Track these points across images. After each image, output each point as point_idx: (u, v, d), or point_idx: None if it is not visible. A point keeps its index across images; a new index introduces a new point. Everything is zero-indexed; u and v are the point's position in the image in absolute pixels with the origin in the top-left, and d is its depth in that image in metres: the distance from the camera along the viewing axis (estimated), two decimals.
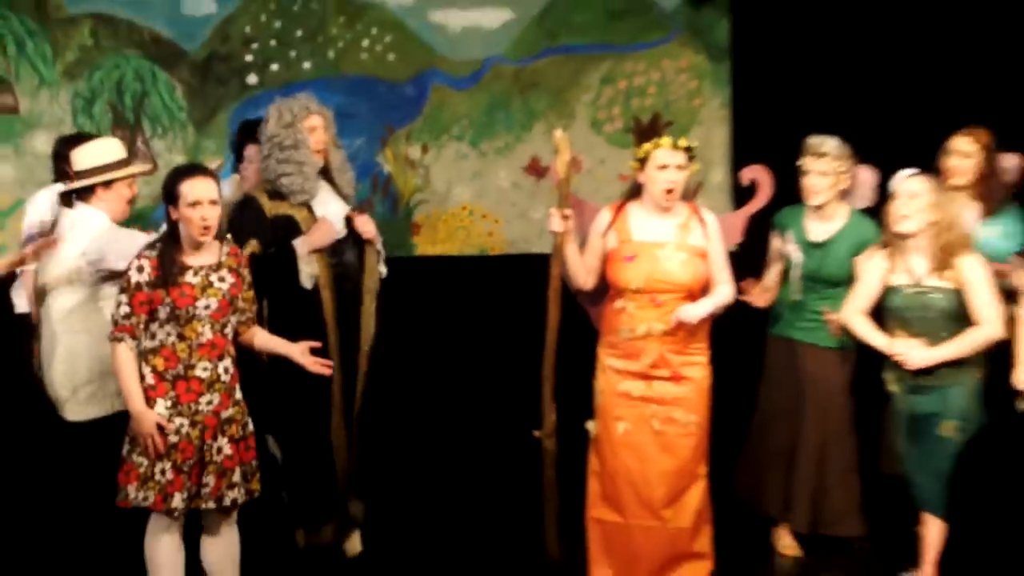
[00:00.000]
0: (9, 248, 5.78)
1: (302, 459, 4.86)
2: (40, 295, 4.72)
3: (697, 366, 4.64)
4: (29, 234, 5.23)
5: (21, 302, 5.38)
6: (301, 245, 4.80)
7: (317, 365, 4.31)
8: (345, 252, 5.01)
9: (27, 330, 5.15)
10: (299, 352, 4.30)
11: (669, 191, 4.54)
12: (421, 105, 7.56)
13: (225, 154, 6.20)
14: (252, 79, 7.29)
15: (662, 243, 4.60)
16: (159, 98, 7.16)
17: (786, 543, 5.12)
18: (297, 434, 4.89)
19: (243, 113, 6.62)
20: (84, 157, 4.52)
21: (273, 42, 7.30)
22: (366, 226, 4.99)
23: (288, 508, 4.92)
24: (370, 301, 5.07)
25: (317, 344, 4.43)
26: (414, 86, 7.49)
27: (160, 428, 3.98)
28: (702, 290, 4.60)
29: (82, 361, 4.46)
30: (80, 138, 4.93)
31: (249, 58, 7.31)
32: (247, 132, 5.69)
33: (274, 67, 7.33)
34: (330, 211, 4.99)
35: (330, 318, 4.85)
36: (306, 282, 4.82)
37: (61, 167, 5.18)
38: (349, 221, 5.04)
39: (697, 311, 4.52)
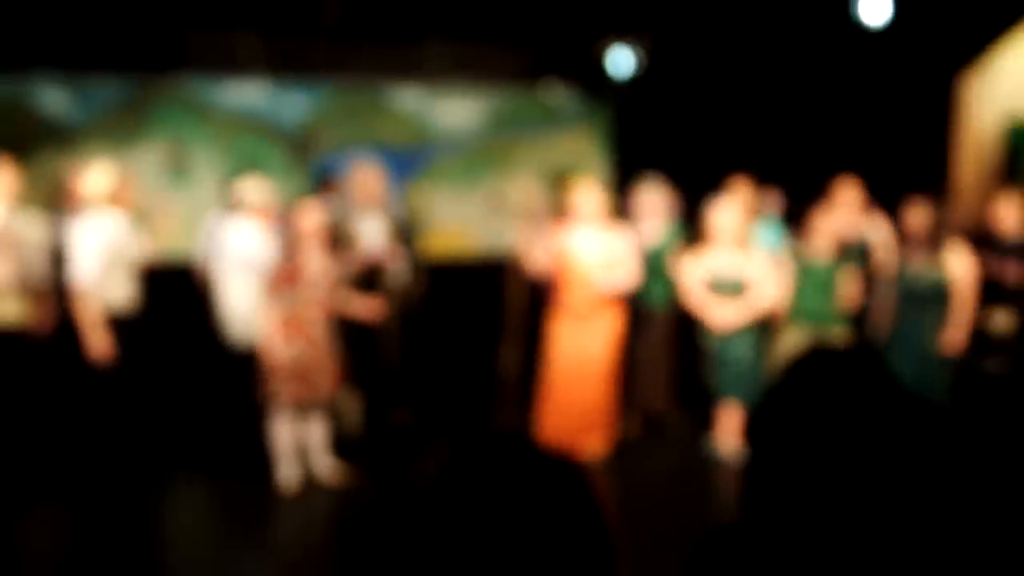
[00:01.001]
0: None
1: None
2: (211, 276, 5.11)
3: (611, 319, 4.87)
4: (207, 240, 5.60)
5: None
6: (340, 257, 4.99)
7: (372, 316, 4.81)
8: (376, 262, 5.18)
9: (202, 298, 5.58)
10: (365, 310, 4.76)
11: (588, 213, 4.83)
12: (425, 164, 7.87)
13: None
14: (326, 146, 7.65)
15: (590, 247, 4.84)
16: (271, 159, 7.55)
17: (632, 425, 5.41)
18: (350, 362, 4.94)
19: (321, 168, 6.96)
20: (245, 191, 4.91)
21: (337, 124, 7.57)
22: (392, 249, 5.28)
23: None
24: (395, 293, 5.28)
25: (380, 305, 4.85)
26: (420, 152, 7.83)
27: (282, 353, 4.30)
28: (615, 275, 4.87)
29: (239, 312, 4.80)
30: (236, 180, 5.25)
31: (323, 134, 7.65)
32: (321, 180, 6.09)
33: (338, 140, 7.62)
34: (372, 231, 5.18)
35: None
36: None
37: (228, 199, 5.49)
38: (385, 241, 5.21)
39: (614, 283, 4.80)
